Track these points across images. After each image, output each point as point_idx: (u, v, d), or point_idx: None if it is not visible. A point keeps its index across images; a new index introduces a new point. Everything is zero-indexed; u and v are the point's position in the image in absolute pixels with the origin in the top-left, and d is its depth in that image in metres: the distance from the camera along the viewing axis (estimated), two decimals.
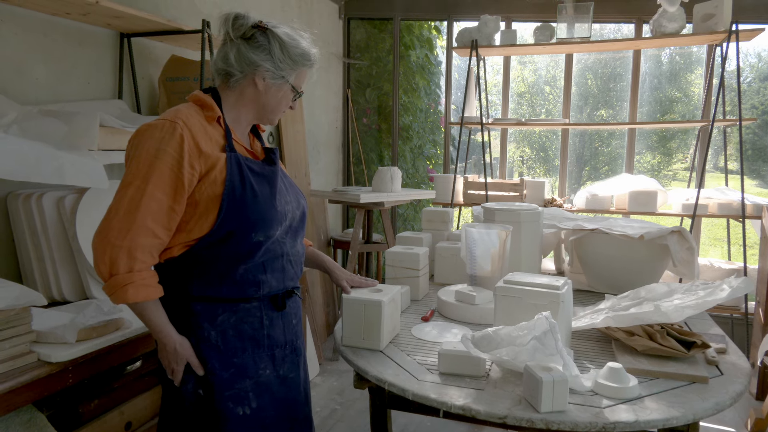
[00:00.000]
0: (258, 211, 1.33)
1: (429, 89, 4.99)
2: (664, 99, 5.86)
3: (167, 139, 1.25)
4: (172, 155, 1.24)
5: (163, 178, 1.23)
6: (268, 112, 1.43)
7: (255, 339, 1.39)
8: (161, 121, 1.28)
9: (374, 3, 4.51)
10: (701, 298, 1.61)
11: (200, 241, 1.30)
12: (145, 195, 1.22)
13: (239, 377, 1.37)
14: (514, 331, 1.40)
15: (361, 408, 3.05)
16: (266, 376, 1.42)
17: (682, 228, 2.09)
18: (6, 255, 1.95)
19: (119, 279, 1.22)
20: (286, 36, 1.37)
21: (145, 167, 1.23)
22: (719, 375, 1.43)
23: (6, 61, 1.97)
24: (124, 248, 1.21)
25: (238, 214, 1.30)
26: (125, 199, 1.23)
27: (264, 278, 1.38)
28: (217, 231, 1.29)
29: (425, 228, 2.63)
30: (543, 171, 6.46)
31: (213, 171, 1.29)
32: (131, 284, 1.22)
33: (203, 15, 2.91)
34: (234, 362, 1.37)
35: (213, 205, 1.29)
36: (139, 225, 1.22)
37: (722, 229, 4.60)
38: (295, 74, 1.41)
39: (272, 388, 1.43)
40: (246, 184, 1.32)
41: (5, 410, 1.31)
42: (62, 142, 1.81)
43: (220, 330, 1.35)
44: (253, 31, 1.36)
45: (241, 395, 1.37)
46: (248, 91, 1.39)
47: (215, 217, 1.29)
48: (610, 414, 1.20)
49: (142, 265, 1.24)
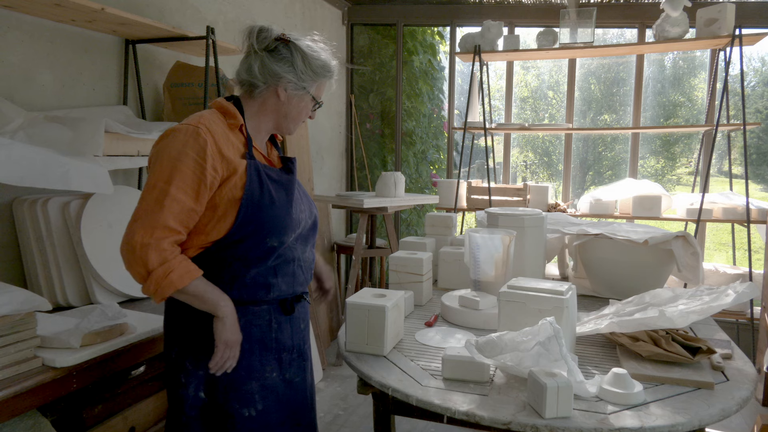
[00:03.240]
0: (274, 217, 1.36)
1: (432, 94, 5.00)
2: (668, 103, 5.86)
3: (190, 143, 1.28)
4: (194, 158, 1.27)
5: (185, 180, 1.27)
6: (288, 122, 1.47)
7: (263, 342, 1.41)
8: (184, 126, 1.31)
9: (377, 9, 4.53)
10: (706, 303, 1.60)
11: (216, 244, 1.34)
12: (168, 197, 1.26)
13: (246, 379, 1.39)
14: (518, 337, 1.40)
15: (365, 413, 3.04)
16: (273, 378, 1.43)
17: (686, 233, 2.08)
18: (11, 260, 1.96)
19: (159, 272, 1.24)
20: (308, 48, 1.42)
21: (167, 170, 1.27)
22: (725, 381, 1.42)
23: (13, 67, 1.98)
24: (152, 245, 1.24)
25: (255, 219, 1.34)
26: (149, 201, 1.26)
27: (275, 282, 1.40)
28: (234, 234, 1.33)
29: (428, 233, 2.63)
30: (546, 176, 6.46)
31: (234, 176, 1.33)
32: (173, 272, 1.24)
33: (207, 22, 2.93)
34: (242, 363, 1.38)
35: (232, 208, 1.32)
36: (162, 225, 1.25)
37: (727, 234, 4.58)
38: (315, 85, 1.45)
39: (278, 391, 1.45)
40: (264, 191, 1.36)
41: (10, 415, 1.31)
42: (68, 148, 1.82)
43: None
44: (276, 44, 1.40)
45: (248, 397, 1.39)
46: (270, 101, 1.43)
47: (233, 221, 1.32)
48: (615, 420, 1.19)
49: (172, 254, 1.26)
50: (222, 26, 3.08)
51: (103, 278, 1.92)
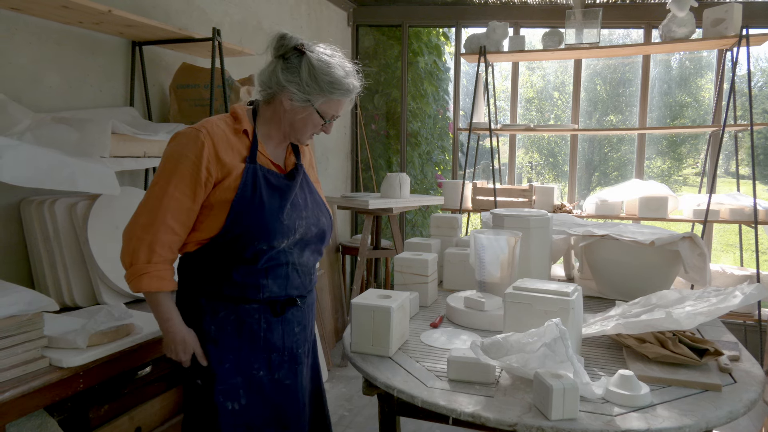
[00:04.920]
0: (262, 221, 1.39)
1: (437, 95, 5.00)
2: (674, 104, 5.83)
3: (190, 145, 1.37)
4: (192, 159, 1.36)
5: (183, 179, 1.36)
6: (294, 132, 1.48)
7: (252, 340, 1.46)
8: (189, 129, 1.41)
9: (382, 10, 4.53)
10: (713, 304, 1.59)
11: (211, 241, 1.41)
12: (166, 195, 1.35)
13: (233, 373, 1.45)
14: (523, 338, 1.40)
15: (370, 414, 3.04)
16: (259, 377, 1.48)
17: (693, 234, 2.07)
18: (19, 260, 1.98)
19: (137, 268, 1.35)
20: (319, 62, 1.39)
21: (168, 170, 1.37)
22: (732, 383, 1.41)
23: (20, 69, 2.00)
24: (146, 241, 1.34)
25: (244, 222, 1.39)
26: (150, 197, 1.37)
27: (265, 283, 1.44)
28: (225, 234, 1.39)
29: (434, 234, 2.63)
30: (552, 177, 6.44)
31: (228, 178, 1.39)
32: (146, 274, 1.35)
33: (213, 23, 2.94)
34: (229, 358, 1.45)
35: (223, 209, 1.39)
36: (160, 221, 1.35)
37: (734, 235, 4.56)
38: (322, 100, 1.42)
39: (264, 390, 1.48)
40: (255, 195, 1.40)
41: (17, 415, 1.32)
42: (74, 149, 1.83)
43: (220, 326, 1.44)
44: (291, 53, 1.41)
45: (232, 391, 1.45)
46: (279, 109, 1.46)
47: (223, 221, 1.39)
48: (622, 422, 1.19)
49: (159, 258, 1.36)
50: (228, 28, 3.09)
51: (110, 279, 1.93)
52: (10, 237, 1.95)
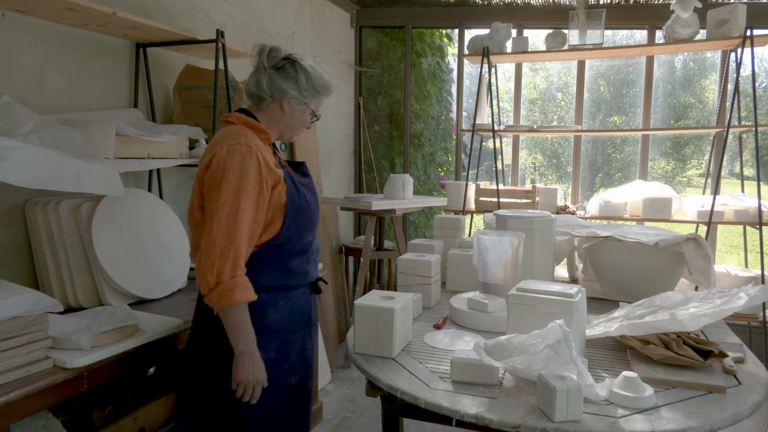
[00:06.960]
0: (310, 216, 1.59)
1: (440, 96, 5.00)
2: (678, 105, 5.82)
3: (248, 161, 1.44)
4: (254, 175, 1.44)
5: (250, 195, 1.43)
6: (290, 132, 1.66)
7: (302, 320, 1.62)
8: (238, 146, 1.45)
9: (386, 11, 4.54)
10: (718, 306, 1.59)
11: (266, 243, 1.52)
12: (240, 211, 1.42)
13: (291, 353, 1.59)
14: (527, 340, 1.39)
15: (373, 416, 3.03)
16: (307, 351, 1.65)
17: (697, 235, 2.07)
18: (23, 261, 1.98)
19: (226, 285, 1.38)
20: (311, 69, 1.59)
21: (234, 188, 1.42)
22: (737, 385, 1.40)
23: (25, 71, 2.01)
24: (230, 259, 1.39)
25: (297, 220, 1.55)
26: (223, 217, 1.41)
27: (308, 268, 1.63)
28: (282, 235, 1.52)
29: (437, 235, 2.63)
30: (555, 178, 6.43)
31: (278, 185, 1.51)
32: (237, 288, 1.39)
33: (217, 25, 2.95)
34: (290, 339, 1.58)
35: (279, 213, 1.51)
36: (239, 237, 1.41)
37: (739, 236, 4.54)
38: (315, 101, 1.64)
39: (310, 361, 1.67)
40: (300, 195, 1.56)
41: (21, 415, 1.33)
42: (79, 151, 1.84)
43: (281, 315, 1.56)
44: (283, 63, 1.56)
45: (294, 368, 1.59)
46: (276, 114, 1.60)
47: (281, 224, 1.51)
48: (626, 424, 1.19)
49: (242, 271, 1.42)
50: (231, 29, 3.10)
51: (114, 280, 1.94)
52: (15, 238, 1.96)
